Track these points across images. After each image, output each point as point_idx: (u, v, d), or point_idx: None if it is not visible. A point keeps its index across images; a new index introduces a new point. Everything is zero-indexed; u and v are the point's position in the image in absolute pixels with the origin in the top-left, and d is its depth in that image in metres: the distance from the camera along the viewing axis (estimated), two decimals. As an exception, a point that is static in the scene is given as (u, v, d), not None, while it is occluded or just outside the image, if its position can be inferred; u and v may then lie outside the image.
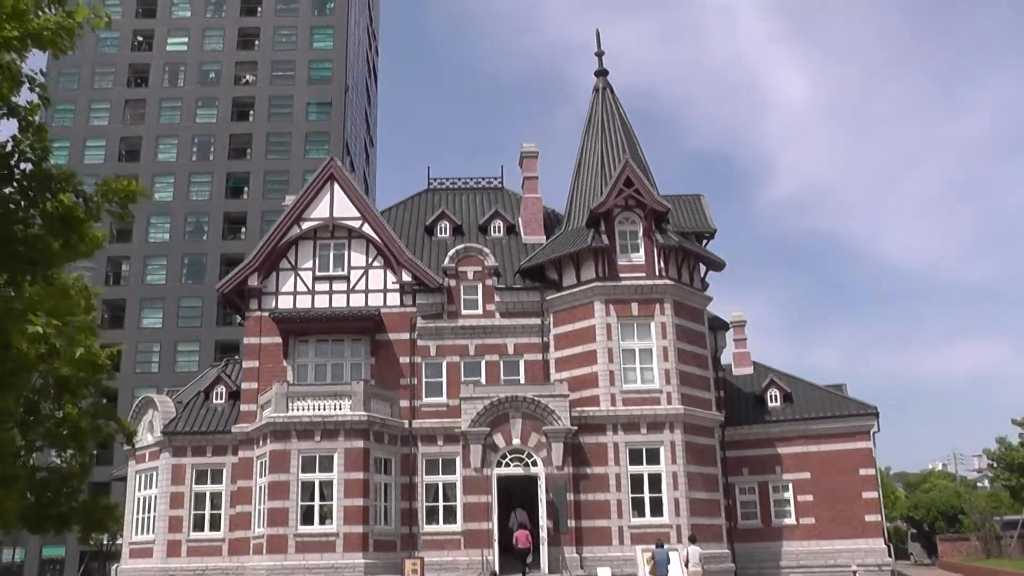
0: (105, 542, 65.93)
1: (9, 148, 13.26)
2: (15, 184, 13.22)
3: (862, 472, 38.32)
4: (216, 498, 37.13)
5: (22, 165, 13.37)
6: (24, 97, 13.71)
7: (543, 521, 33.63)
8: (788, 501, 38.72)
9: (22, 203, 13.34)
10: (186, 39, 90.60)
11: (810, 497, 38.33)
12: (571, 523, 33.62)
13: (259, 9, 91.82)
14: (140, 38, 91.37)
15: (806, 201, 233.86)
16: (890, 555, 38.24)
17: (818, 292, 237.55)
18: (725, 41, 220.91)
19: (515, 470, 34.49)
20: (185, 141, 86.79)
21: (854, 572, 36.71)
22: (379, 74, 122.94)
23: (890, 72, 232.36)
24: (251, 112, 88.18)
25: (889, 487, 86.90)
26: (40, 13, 13.22)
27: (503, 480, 34.52)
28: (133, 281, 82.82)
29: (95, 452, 72.32)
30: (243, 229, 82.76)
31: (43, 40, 13.04)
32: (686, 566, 29.45)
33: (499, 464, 34.50)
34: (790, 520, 38.43)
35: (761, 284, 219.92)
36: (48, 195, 13.28)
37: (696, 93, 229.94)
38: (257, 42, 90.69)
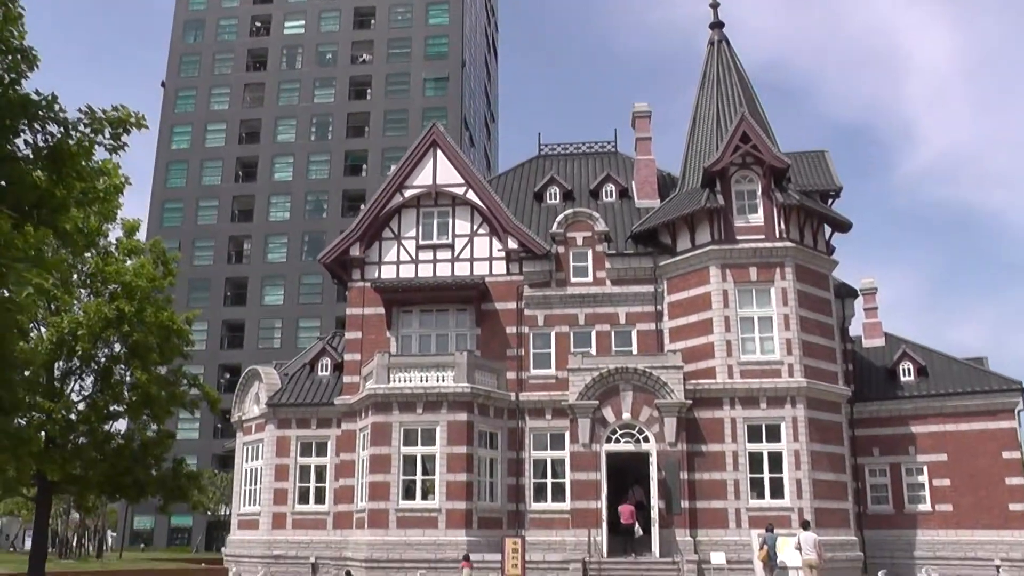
0: (225, 513, 67.10)
1: None
2: None
3: (1005, 455, 34.73)
4: (321, 471, 36.48)
5: None
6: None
7: (655, 501, 31.63)
8: (923, 485, 35.51)
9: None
10: (303, 22, 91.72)
11: (947, 481, 35.10)
12: (684, 504, 31.58)
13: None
14: (258, 24, 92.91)
15: (947, 170, 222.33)
16: (1039, 549, 34.52)
17: (960, 266, 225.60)
18: (860, 3, 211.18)
19: (625, 446, 32.61)
20: (304, 122, 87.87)
21: (997, 567, 33.21)
22: (500, 51, 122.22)
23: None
24: (368, 91, 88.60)
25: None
26: None
27: (613, 457, 32.67)
28: (255, 259, 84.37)
29: (219, 425, 74.03)
30: (362, 207, 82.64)
31: None
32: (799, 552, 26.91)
33: (608, 440, 32.65)
34: (925, 506, 35.28)
35: (897, 260, 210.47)
36: (32, 124, 11.97)
37: (831, 62, 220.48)
38: (373, 21, 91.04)
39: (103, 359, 27.70)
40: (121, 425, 30.26)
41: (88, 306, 26.94)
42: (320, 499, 36.19)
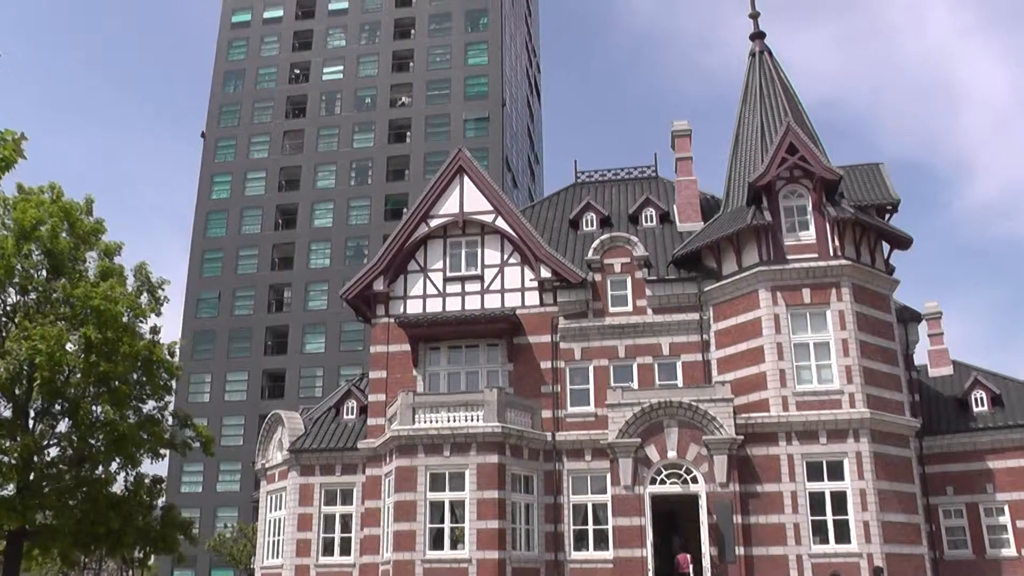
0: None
1: None
2: None
3: (1097, 491, 31.49)
4: (347, 520, 34.17)
5: None
6: None
7: (705, 548, 28.77)
8: (1005, 527, 32.15)
9: None
10: (341, 67, 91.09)
11: (1032, 522, 31.75)
12: (739, 550, 28.64)
13: (412, 31, 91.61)
14: (297, 71, 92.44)
15: (1009, 203, 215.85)
16: None
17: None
18: (915, 40, 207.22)
19: (671, 488, 29.81)
20: (343, 167, 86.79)
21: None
22: (545, 95, 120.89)
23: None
24: (408, 133, 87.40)
25: None
26: None
27: (659, 499, 29.91)
28: (295, 307, 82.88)
29: (250, 473, 71.73)
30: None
31: None
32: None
33: (653, 481, 29.89)
34: (1009, 551, 31.81)
35: (961, 295, 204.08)
36: None
37: (887, 99, 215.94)
38: (411, 63, 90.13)
39: (72, 394, 25.34)
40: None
41: (46, 331, 24.36)
42: (346, 550, 33.83)
